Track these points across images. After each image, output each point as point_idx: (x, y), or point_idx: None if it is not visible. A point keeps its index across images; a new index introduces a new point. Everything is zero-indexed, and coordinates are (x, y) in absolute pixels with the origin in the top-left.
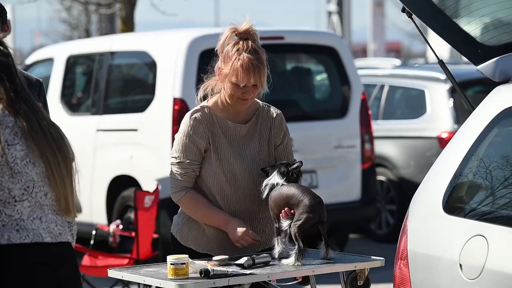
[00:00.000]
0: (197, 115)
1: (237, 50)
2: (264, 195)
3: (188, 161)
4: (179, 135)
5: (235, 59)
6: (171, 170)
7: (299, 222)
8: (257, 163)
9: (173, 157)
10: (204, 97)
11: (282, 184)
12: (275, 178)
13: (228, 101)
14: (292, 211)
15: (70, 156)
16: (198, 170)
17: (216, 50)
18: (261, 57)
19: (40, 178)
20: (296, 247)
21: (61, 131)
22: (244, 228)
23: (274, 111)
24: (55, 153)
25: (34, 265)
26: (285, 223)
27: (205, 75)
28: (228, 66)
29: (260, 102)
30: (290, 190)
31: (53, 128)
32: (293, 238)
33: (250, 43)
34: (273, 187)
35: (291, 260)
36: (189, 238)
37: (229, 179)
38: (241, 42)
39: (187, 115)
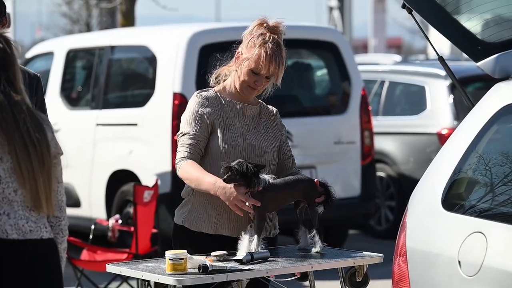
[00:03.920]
0: (204, 93)
1: (263, 39)
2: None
3: (192, 131)
4: (186, 113)
5: (259, 46)
6: (178, 147)
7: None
8: (268, 141)
9: (179, 133)
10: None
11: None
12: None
13: (237, 87)
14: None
15: (49, 151)
16: (203, 144)
17: (242, 36)
18: (283, 52)
19: (8, 174)
20: (317, 233)
21: (44, 126)
22: (232, 188)
23: (272, 108)
24: (26, 147)
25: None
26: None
27: (218, 62)
28: (251, 52)
29: (258, 100)
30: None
31: (33, 122)
32: (317, 225)
33: (276, 37)
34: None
35: (318, 247)
36: (199, 222)
37: (240, 152)
38: (268, 34)
39: (194, 94)
